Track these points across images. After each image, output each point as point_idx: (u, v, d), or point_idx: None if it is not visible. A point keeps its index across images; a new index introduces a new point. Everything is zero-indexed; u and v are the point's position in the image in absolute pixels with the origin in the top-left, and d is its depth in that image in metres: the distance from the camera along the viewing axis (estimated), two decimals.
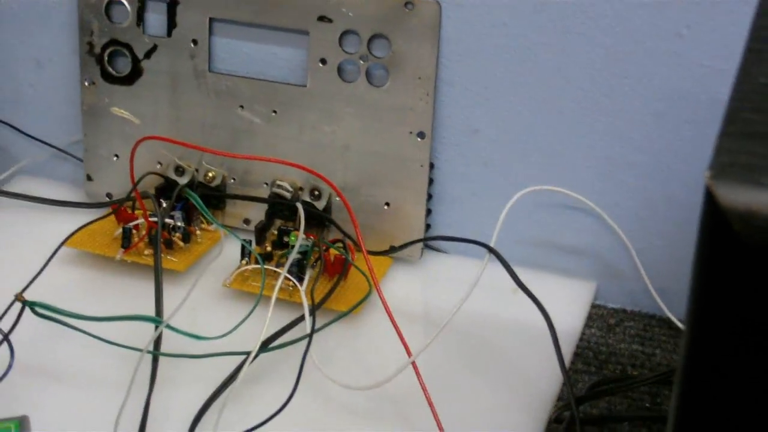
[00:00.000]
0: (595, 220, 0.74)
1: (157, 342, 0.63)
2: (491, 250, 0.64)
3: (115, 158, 0.81)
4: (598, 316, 0.74)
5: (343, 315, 0.69)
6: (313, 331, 0.64)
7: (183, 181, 0.79)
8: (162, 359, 0.63)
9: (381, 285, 0.74)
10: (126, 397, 0.59)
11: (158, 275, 0.68)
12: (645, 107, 0.70)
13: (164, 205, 0.76)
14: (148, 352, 0.62)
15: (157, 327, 0.63)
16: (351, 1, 0.71)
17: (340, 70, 0.74)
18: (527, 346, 0.69)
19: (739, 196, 0.30)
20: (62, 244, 0.73)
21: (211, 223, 0.77)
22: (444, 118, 0.74)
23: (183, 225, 0.75)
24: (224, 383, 0.63)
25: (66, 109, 0.83)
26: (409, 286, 0.75)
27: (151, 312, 0.66)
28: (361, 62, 0.73)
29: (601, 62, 0.70)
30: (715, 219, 0.30)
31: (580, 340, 0.71)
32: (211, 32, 0.76)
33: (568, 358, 0.69)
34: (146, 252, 0.74)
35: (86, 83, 0.79)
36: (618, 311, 0.75)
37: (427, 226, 0.76)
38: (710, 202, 0.30)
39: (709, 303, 0.31)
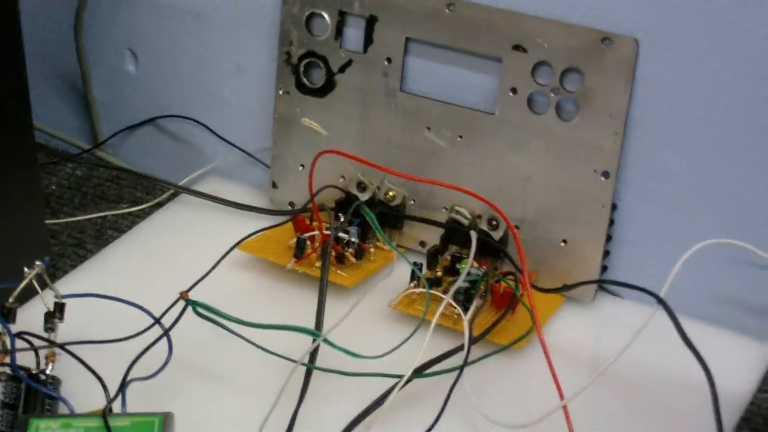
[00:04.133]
0: None
1: (313, 355, 0.63)
2: (660, 300, 0.61)
3: (300, 168, 0.81)
4: None
5: (501, 349, 0.67)
6: (466, 363, 0.63)
7: (364, 197, 0.78)
8: (315, 372, 0.63)
9: (549, 323, 0.73)
10: (274, 406, 0.59)
11: (323, 288, 0.68)
12: None
13: (342, 219, 0.76)
14: (303, 364, 0.62)
15: (314, 340, 0.63)
16: (547, 33, 0.70)
17: (530, 101, 0.72)
18: (689, 404, 0.65)
19: None
20: (234, 246, 0.73)
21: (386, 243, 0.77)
22: (631, 159, 0.71)
23: (357, 241, 0.75)
24: (373, 404, 0.62)
25: (259, 116, 0.84)
26: (578, 327, 0.73)
27: (312, 324, 0.66)
28: (552, 95, 0.71)
29: None
30: None
31: (751, 404, 0.68)
32: (406, 52, 0.76)
33: (734, 420, 0.65)
34: (317, 264, 0.74)
35: (280, 92, 0.80)
36: None
37: (604, 268, 0.74)
38: None
39: None
